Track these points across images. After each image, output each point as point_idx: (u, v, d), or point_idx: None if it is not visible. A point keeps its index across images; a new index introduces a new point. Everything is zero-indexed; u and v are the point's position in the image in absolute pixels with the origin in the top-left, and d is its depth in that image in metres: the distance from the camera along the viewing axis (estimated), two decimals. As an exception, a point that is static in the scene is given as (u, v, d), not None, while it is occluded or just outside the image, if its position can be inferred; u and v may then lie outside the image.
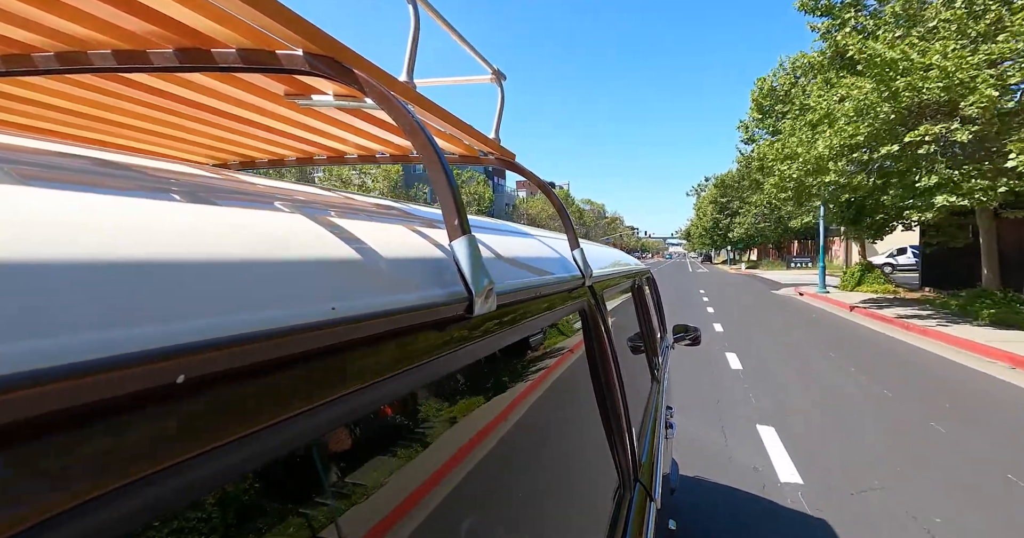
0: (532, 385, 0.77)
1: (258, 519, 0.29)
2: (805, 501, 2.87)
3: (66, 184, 0.29)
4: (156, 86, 0.72)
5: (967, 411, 4.41)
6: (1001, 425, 4.06)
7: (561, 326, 0.93)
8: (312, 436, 0.31)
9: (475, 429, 0.56)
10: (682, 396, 4.43)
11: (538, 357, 0.83)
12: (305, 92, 0.71)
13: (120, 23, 0.53)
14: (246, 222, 0.34)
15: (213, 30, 0.52)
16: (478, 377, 0.60)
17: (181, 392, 0.23)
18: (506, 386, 0.68)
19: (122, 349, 0.21)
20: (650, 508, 1.14)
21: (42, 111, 0.85)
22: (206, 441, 0.24)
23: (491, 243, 0.68)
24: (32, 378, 0.18)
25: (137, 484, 0.21)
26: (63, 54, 0.60)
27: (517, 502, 0.62)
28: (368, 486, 0.38)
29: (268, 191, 0.51)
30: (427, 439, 0.47)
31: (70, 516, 0.19)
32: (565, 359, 0.95)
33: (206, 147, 1.12)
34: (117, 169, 0.40)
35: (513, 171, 1.13)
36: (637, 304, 2.06)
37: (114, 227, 0.25)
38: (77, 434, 0.19)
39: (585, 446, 0.93)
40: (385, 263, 0.42)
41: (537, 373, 0.80)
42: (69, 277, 0.21)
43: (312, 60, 0.52)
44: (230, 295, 0.27)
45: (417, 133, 0.51)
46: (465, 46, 0.99)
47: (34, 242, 0.21)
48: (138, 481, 0.21)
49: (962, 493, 2.93)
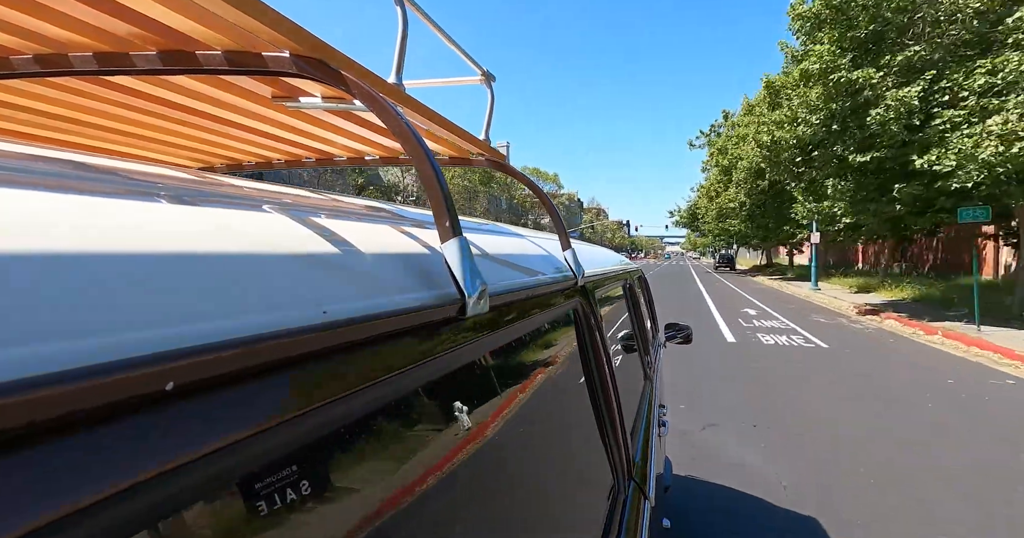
0: (525, 386, 0.77)
1: (248, 527, 0.28)
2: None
3: (46, 188, 0.28)
4: (140, 89, 0.71)
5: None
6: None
7: (554, 326, 0.93)
8: (304, 441, 0.31)
9: (469, 430, 0.56)
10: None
11: (531, 358, 0.83)
12: (292, 94, 0.70)
13: (102, 25, 0.52)
14: (234, 225, 0.34)
15: (197, 32, 0.51)
16: (471, 379, 0.59)
17: (170, 399, 0.23)
18: (500, 387, 0.68)
19: (107, 356, 0.20)
20: (644, 506, 1.14)
21: (21, 114, 0.84)
22: (196, 449, 0.23)
23: (483, 244, 0.68)
24: (14, 386, 0.17)
25: (124, 493, 0.20)
26: (43, 57, 0.59)
27: (511, 502, 0.62)
28: (361, 490, 0.37)
29: (255, 194, 0.51)
30: (421, 442, 0.47)
31: (56, 526, 0.18)
32: (558, 359, 0.95)
33: (192, 150, 1.10)
34: (99, 173, 0.39)
35: (503, 172, 1.13)
36: (629, 303, 2.07)
37: (97, 232, 0.24)
38: (62, 444, 0.19)
39: (579, 445, 0.94)
40: (377, 266, 0.41)
41: (530, 374, 0.80)
42: (50, 283, 0.20)
43: (299, 62, 0.52)
44: (219, 300, 0.26)
45: (406, 135, 0.50)
46: (454, 47, 0.99)
47: (13, 247, 0.20)
48: (125, 490, 0.20)
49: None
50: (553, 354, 0.93)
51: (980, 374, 5.75)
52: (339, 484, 0.36)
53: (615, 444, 1.07)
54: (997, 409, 4.49)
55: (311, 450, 0.32)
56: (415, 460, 0.44)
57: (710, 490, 3.03)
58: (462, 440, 0.54)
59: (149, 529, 0.22)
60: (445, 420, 0.51)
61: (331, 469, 0.35)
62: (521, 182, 1.13)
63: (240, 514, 0.28)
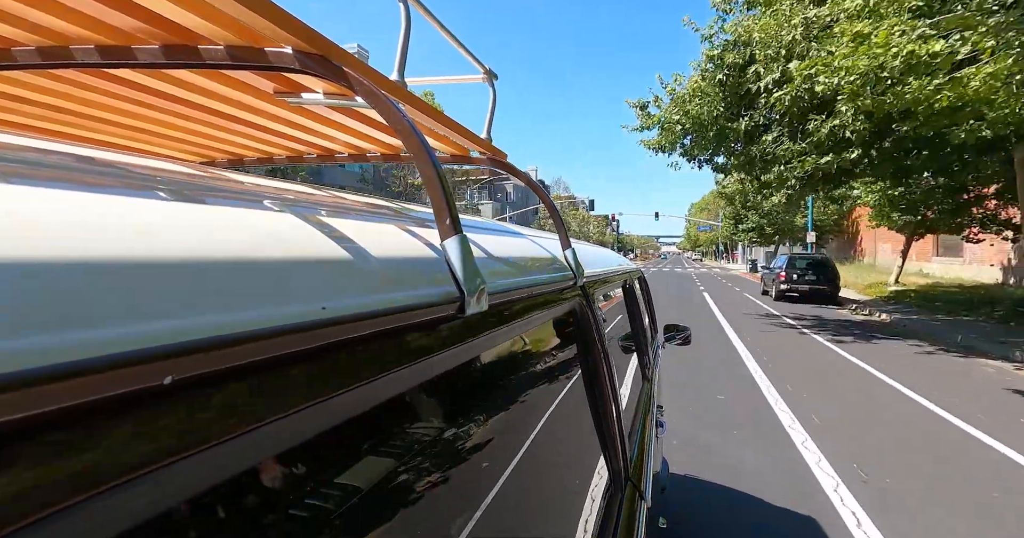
0: (523, 385, 0.77)
1: (247, 522, 0.28)
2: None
3: (47, 181, 0.28)
4: (142, 82, 0.71)
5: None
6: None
7: (553, 326, 0.93)
8: (303, 437, 0.31)
9: (467, 429, 0.56)
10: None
11: (530, 357, 0.83)
12: (295, 90, 0.70)
13: (105, 18, 0.52)
14: (234, 220, 0.34)
15: (201, 26, 0.51)
16: (470, 378, 0.59)
17: (168, 394, 0.23)
18: (498, 386, 0.68)
19: (106, 350, 0.20)
20: (641, 507, 1.14)
21: (23, 106, 0.84)
22: (194, 444, 0.23)
23: (483, 243, 0.68)
24: (12, 380, 0.17)
25: (122, 487, 0.20)
26: (47, 49, 0.59)
27: (508, 502, 0.62)
28: (359, 487, 0.37)
29: (256, 189, 0.51)
30: (418, 440, 0.47)
31: (51, 521, 0.18)
32: (556, 359, 0.95)
33: (193, 145, 1.10)
34: (101, 166, 0.39)
35: (504, 171, 1.13)
36: (629, 304, 2.07)
37: (97, 225, 0.24)
38: (60, 438, 0.19)
39: (576, 445, 0.94)
40: (376, 262, 0.41)
41: (529, 373, 0.80)
42: (49, 277, 0.20)
43: (302, 58, 0.52)
44: (217, 294, 0.26)
45: (408, 132, 0.50)
46: (457, 45, 0.99)
47: (11, 240, 0.20)
48: (123, 484, 0.20)
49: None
50: (552, 354, 0.93)
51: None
52: (336, 480, 0.36)
53: (612, 444, 1.07)
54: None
55: (308, 446, 0.32)
56: (411, 458, 0.44)
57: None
58: (459, 438, 0.54)
59: (145, 525, 0.22)
60: (441, 418, 0.52)
61: (328, 465, 0.35)
62: (522, 181, 1.13)
63: (240, 509, 0.28)
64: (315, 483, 0.34)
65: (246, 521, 0.28)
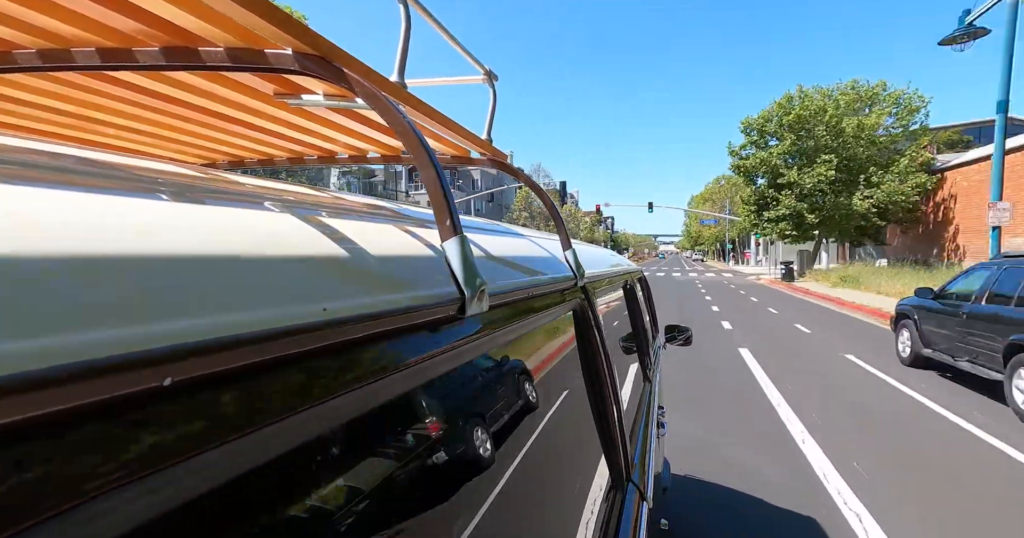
0: (524, 386, 0.77)
1: (248, 524, 0.28)
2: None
3: (48, 183, 0.28)
4: (143, 85, 0.71)
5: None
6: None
7: (554, 326, 0.93)
8: (304, 438, 0.31)
9: (468, 430, 0.56)
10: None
11: (530, 358, 0.82)
12: (295, 92, 0.70)
13: (107, 21, 0.52)
14: (234, 222, 0.34)
15: (201, 29, 0.51)
16: (471, 378, 0.59)
17: (169, 395, 0.23)
18: (498, 387, 0.68)
19: (106, 352, 0.20)
20: (642, 508, 1.14)
21: (25, 109, 0.84)
22: (194, 446, 0.23)
23: (483, 244, 0.68)
24: (12, 380, 0.17)
25: (123, 489, 0.20)
26: (48, 52, 0.59)
27: (509, 502, 0.62)
28: (361, 488, 0.37)
29: (257, 191, 0.51)
30: (419, 441, 0.47)
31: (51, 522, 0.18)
32: (557, 359, 0.95)
33: (194, 146, 1.10)
34: (101, 168, 0.39)
35: (505, 171, 1.13)
36: (629, 304, 2.07)
37: (97, 227, 0.24)
38: (60, 439, 0.19)
39: (578, 446, 0.94)
40: (377, 263, 0.41)
41: (530, 374, 0.80)
42: (50, 278, 0.20)
43: (302, 60, 0.52)
44: (218, 296, 0.26)
45: (408, 133, 0.50)
46: (457, 46, 0.99)
47: (11, 241, 0.20)
48: (124, 485, 0.20)
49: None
50: (552, 354, 0.93)
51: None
52: (338, 482, 0.36)
53: (613, 445, 1.07)
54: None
55: (309, 447, 0.32)
56: (412, 459, 0.44)
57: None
58: (460, 440, 0.54)
59: (146, 526, 0.22)
60: (442, 420, 0.51)
61: (329, 467, 0.35)
62: (522, 181, 1.13)
63: (241, 511, 0.28)
64: (317, 484, 0.34)
65: (248, 522, 0.28)
